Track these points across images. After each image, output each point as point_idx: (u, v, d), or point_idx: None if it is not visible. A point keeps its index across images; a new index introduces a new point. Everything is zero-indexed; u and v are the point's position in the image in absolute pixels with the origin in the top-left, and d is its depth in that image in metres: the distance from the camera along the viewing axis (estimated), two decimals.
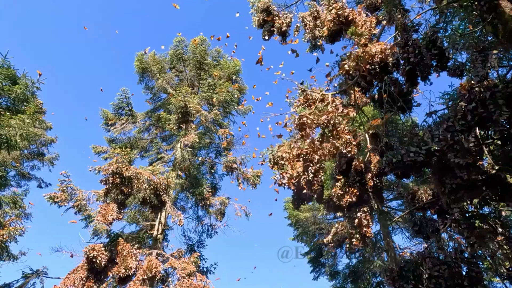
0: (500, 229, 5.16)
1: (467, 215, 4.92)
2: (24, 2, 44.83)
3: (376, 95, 7.38)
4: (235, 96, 15.72)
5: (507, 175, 4.80)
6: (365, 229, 8.37)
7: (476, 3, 4.40)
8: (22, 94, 11.03)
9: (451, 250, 4.96)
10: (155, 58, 15.97)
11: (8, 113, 10.67)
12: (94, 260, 10.09)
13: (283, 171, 7.51)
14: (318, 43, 10.43)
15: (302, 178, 7.35)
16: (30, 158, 15.18)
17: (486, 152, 4.69)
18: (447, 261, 4.63)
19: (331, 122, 6.71)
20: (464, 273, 4.65)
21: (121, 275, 10.06)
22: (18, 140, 10.42)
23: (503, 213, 5.60)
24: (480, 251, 5.66)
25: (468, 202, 5.16)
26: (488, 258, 5.88)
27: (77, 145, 47.04)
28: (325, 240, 13.99)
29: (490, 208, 5.60)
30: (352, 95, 8.43)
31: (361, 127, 9.41)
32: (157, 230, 12.63)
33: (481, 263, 5.65)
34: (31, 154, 15.16)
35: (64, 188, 11.06)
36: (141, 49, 19.44)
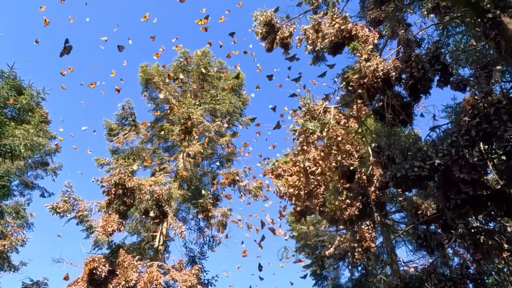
0: (506, 245, 5.10)
1: (472, 230, 4.88)
2: (25, 5, 45.62)
3: (378, 108, 7.40)
4: (238, 107, 15.80)
5: None
6: (368, 242, 8.28)
7: (479, 20, 4.45)
8: (27, 105, 11.14)
9: (456, 266, 4.91)
10: (158, 70, 16.12)
11: (13, 123, 10.76)
12: (94, 271, 9.99)
13: (284, 183, 7.49)
14: (320, 55, 10.53)
15: (303, 191, 7.32)
16: (34, 167, 15.20)
17: (490, 167, 4.68)
18: (453, 277, 4.58)
19: (334, 134, 6.71)
20: None
21: (122, 287, 9.95)
22: (22, 150, 10.48)
23: (509, 229, 5.55)
24: (485, 267, 5.59)
25: (473, 217, 5.12)
26: (494, 274, 5.81)
27: (81, 154, 47.14)
28: (327, 253, 13.81)
29: (495, 223, 5.55)
30: (354, 108, 8.45)
31: (364, 139, 9.39)
32: (159, 241, 12.54)
33: (486, 279, 5.58)
34: (35, 163, 15.18)
35: (67, 198, 11.04)
36: (146, 59, 19.64)
